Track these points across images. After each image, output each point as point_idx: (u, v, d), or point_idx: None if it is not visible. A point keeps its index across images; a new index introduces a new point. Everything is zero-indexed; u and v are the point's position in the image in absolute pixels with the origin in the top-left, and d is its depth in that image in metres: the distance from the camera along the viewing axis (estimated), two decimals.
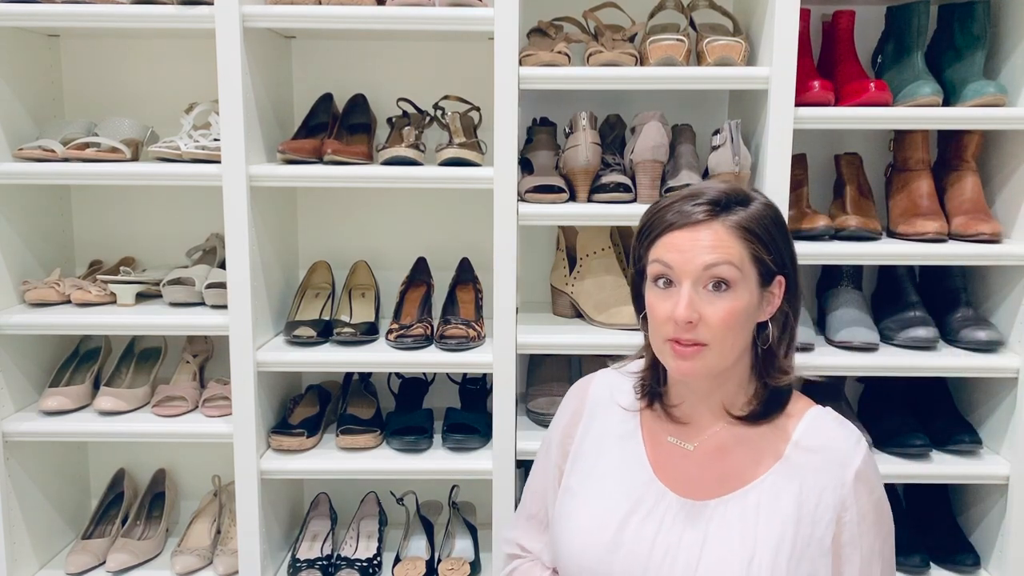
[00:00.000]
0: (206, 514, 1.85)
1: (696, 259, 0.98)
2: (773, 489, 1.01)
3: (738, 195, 1.02)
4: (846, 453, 1.02)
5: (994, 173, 1.74)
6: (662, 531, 1.03)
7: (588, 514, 1.08)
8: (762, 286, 1.01)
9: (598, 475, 1.11)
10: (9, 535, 1.66)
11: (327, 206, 1.92)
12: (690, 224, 1.00)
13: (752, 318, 1.01)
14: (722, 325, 0.98)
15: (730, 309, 0.98)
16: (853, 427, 1.06)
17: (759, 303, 1.02)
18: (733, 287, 0.98)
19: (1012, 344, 1.65)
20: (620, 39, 1.66)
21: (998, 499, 1.66)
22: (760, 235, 1.00)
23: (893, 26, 1.75)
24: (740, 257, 0.98)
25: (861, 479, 1.01)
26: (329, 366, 1.68)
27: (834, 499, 1.00)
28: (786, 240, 1.04)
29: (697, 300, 0.98)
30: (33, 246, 1.77)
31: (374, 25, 1.56)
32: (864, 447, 1.03)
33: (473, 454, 1.69)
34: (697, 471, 1.06)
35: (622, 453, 1.11)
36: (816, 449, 1.03)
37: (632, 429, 1.12)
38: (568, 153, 1.65)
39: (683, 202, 1.01)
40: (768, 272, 1.01)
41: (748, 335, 1.03)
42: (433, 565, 1.72)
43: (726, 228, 0.99)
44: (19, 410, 1.71)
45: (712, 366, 1.01)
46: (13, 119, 1.68)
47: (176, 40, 1.84)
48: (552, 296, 1.85)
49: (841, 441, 1.04)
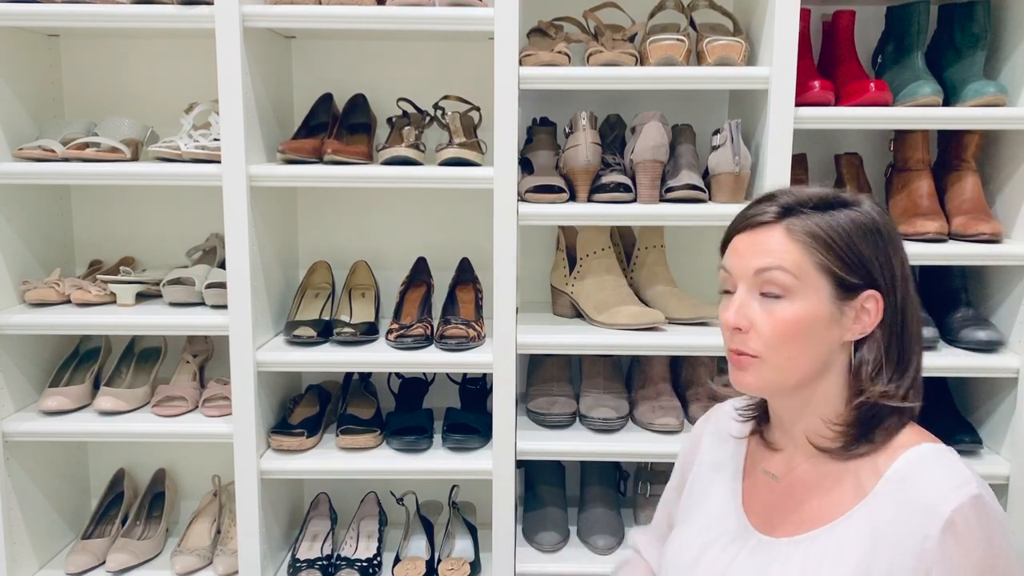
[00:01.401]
0: (206, 514, 1.85)
1: (750, 263, 0.93)
2: (845, 535, 0.89)
3: (824, 200, 0.93)
4: (937, 497, 0.85)
5: (994, 173, 1.74)
6: (733, 566, 0.97)
7: (680, 539, 1.07)
8: (840, 300, 0.91)
9: (699, 502, 1.08)
10: (9, 535, 1.66)
11: (327, 206, 1.92)
12: (753, 226, 0.94)
13: (823, 334, 0.91)
14: (774, 335, 0.91)
15: (783, 319, 0.90)
16: (965, 470, 0.88)
17: (836, 318, 0.91)
18: (788, 296, 0.91)
19: (1012, 344, 1.65)
20: (620, 39, 1.66)
21: (998, 499, 1.66)
22: (832, 243, 0.90)
23: (893, 26, 1.75)
24: (798, 264, 0.90)
25: (953, 532, 0.83)
26: (329, 366, 1.68)
27: (915, 556, 0.84)
28: (882, 253, 0.92)
29: (749, 307, 0.93)
30: (33, 246, 1.77)
31: (374, 25, 1.56)
32: (967, 494, 0.85)
33: (473, 454, 1.69)
34: (779, 505, 0.98)
35: (723, 481, 1.07)
36: (904, 491, 0.87)
37: (738, 458, 1.07)
38: (568, 153, 1.65)
39: (757, 204, 0.95)
40: (847, 285, 0.91)
41: (818, 353, 0.92)
42: (433, 565, 1.72)
43: (788, 232, 0.91)
44: (19, 410, 1.71)
45: (769, 381, 0.93)
46: (13, 119, 1.68)
47: (176, 40, 1.84)
48: (552, 296, 1.85)
49: (936, 482, 0.86)
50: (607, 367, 1.80)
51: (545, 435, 1.68)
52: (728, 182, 1.61)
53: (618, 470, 1.88)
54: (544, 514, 1.76)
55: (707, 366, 1.80)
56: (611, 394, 1.74)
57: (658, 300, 1.74)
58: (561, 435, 1.68)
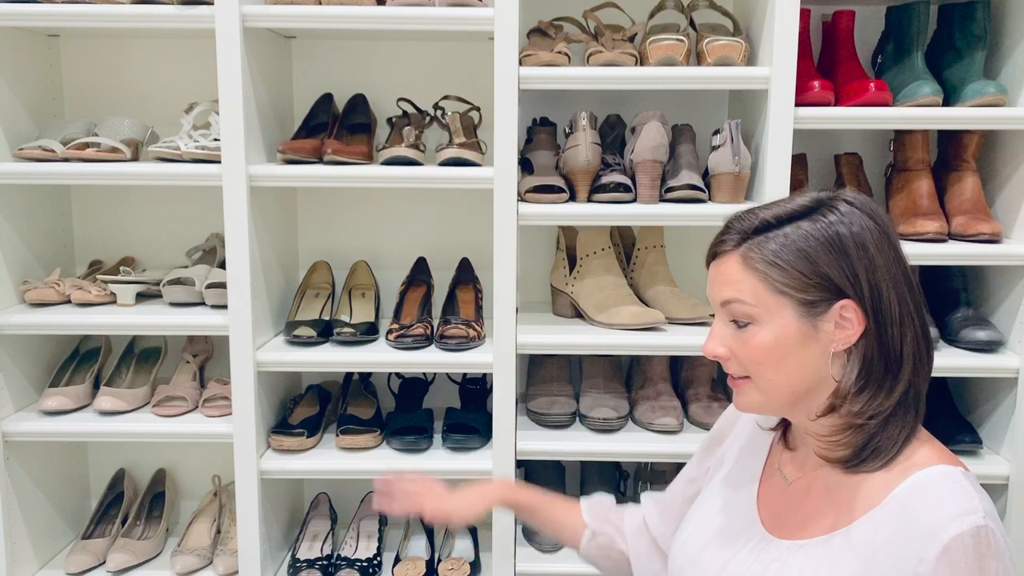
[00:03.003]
0: (206, 514, 1.85)
1: (717, 294, 0.94)
2: (841, 549, 0.89)
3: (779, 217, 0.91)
4: (939, 522, 0.82)
5: (994, 173, 1.74)
6: (735, 560, 0.98)
7: (692, 524, 1.07)
8: (810, 316, 0.89)
9: (718, 490, 1.08)
10: (9, 535, 1.66)
11: (327, 206, 1.92)
12: (716, 255, 0.95)
13: (802, 350, 0.90)
14: (751, 360, 0.92)
15: (755, 345, 0.91)
16: (975, 499, 0.84)
17: (810, 334, 0.89)
18: (755, 323, 0.91)
19: (1012, 344, 1.65)
20: (620, 39, 1.66)
21: (998, 499, 1.66)
22: (786, 265, 0.88)
23: (893, 26, 1.75)
24: (755, 292, 0.90)
25: (948, 559, 0.80)
26: (329, 366, 1.68)
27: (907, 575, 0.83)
28: (845, 263, 0.88)
29: (725, 334, 0.94)
30: (33, 246, 1.77)
31: (374, 25, 1.56)
32: (972, 523, 0.81)
33: (473, 454, 1.69)
34: (787, 507, 0.99)
35: (742, 475, 1.07)
36: (907, 511, 0.85)
37: (761, 453, 1.08)
38: (568, 153, 1.65)
39: (720, 233, 0.95)
40: (810, 302, 0.89)
41: (806, 368, 0.91)
42: (433, 565, 1.72)
43: (743, 260, 0.91)
44: (19, 410, 1.71)
45: (764, 401, 0.94)
46: (13, 119, 1.68)
47: (176, 40, 1.84)
48: (552, 296, 1.85)
49: (941, 506, 0.83)
50: (607, 367, 1.80)
51: (545, 435, 1.68)
52: (728, 182, 1.61)
53: (618, 470, 1.89)
54: None
55: (707, 366, 1.80)
56: (611, 394, 1.74)
57: (658, 300, 1.74)
58: (561, 435, 1.68)
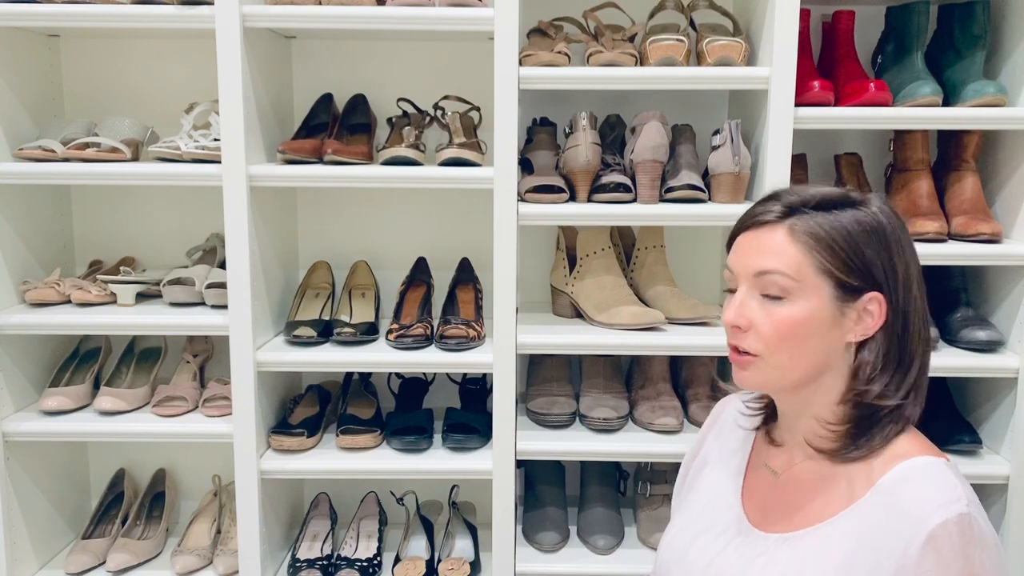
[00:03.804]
0: (206, 514, 1.85)
1: (751, 263, 0.92)
2: (828, 538, 0.90)
3: (828, 199, 0.92)
4: (924, 510, 0.84)
5: (994, 173, 1.74)
6: (722, 555, 0.98)
7: (677, 523, 1.08)
8: (841, 301, 0.90)
9: (703, 488, 1.09)
10: (9, 535, 1.66)
11: (327, 206, 1.92)
12: (757, 225, 0.93)
13: (823, 335, 0.91)
14: (773, 336, 0.91)
15: (782, 320, 0.90)
16: (958, 488, 0.86)
17: (837, 320, 0.91)
18: (788, 297, 0.90)
19: (1012, 344, 1.65)
20: (620, 39, 1.66)
21: (998, 499, 1.66)
22: (834, 245, 0.89)
23: (893, 26, 1.75)
24: (798, 266, 0.90)
25: (934, 547, 0.82)
26: (329, 366, 1.68)
27: (893, 564, 0.84)
28: (885, 256, 0.91)
29: (749, 306, 0.93)
30: (33, 246, 1.77)
31: (374, 25, 1.56)
32: (955, 511, 0.83)
33: (473, 454, 1.69)
34: (774, 500, 0.99)
35: (726, 471, 1.07)
36: (892, 500, 0.87)
37: (744, 450, 1.08)
38: (568, 153, 1.65)
39: (762, 203, 0.95)
40: (848, 287, 0.90)
41: (818, 354, 0.92)
42: (433, 565, 1.72)
43: (790, 233, 0.91)
44: (19, 410, 1.71)
45: (769, 380, 0.94)
46: (13, 119, 1.68)
47: (176, 40, 1.84)
48: (552, 296, 1.85)
49: (925, 495, 0.85)
50: (607, 367, 1.80)
51: (545, 435, 1.68)
52: (728, 182, 1.61)
53: (618, 470, 1.89)
54: (544, 514, 1.76)
55: (707, 366, 1.80)
56: (611, 394, 1.74)
57: (658, 300, 1.74)
58: (561, 435, 1.68)
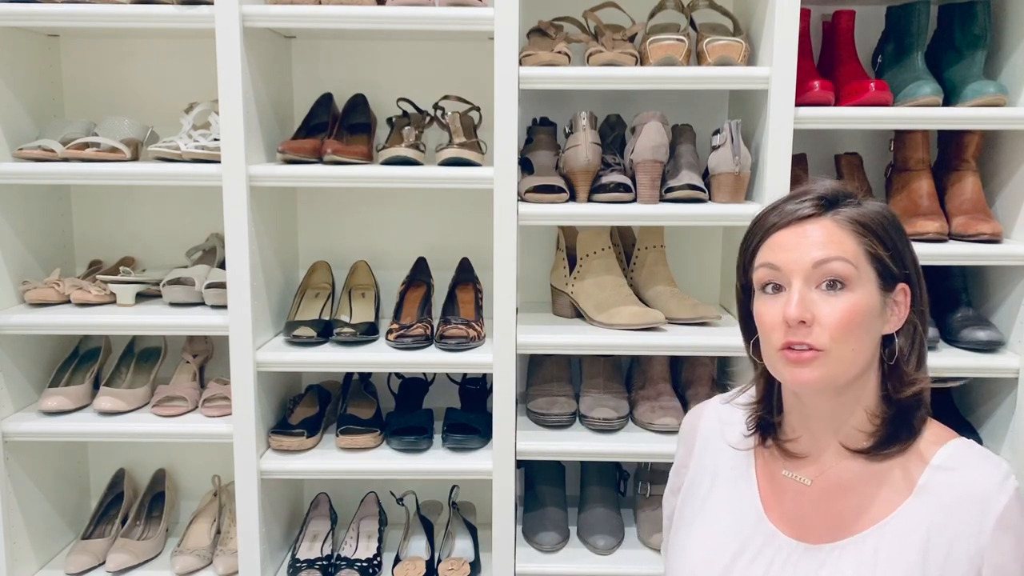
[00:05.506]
0: (206, 514, 1.85)
1: (805, 256, 0.90)
2: (897, 534, 0.89)
3: (849, 192, 0.94)
4: (988, 493, 0.87)
5: (994, 173, 1.74)
6: (770, 574, 0.95)
7: (698, 550, 1.02)
8: (883, 290, 0.92)
9: (710, 510, 1.04)
10: (9, 535, 1.66)
11: (327, 206, 1.92)
12: (796, 220, 0.92)
13: (874, 326, 0.92)
14: (840, 327, 0.88)
15: (848, 309, 0.89)
16: (1001, 462, 0.92)
17: (881, 310, 0.92)
18: (849, 286, 0.90)
19: (1012, 344, 1.65)
20: (620, 39, 1.66)
21: None
22: (876, 231, 0.91)
23: (893, 26, 1.75)
24: (855, 253, 0.90)
25: (1004, 527, 0.86)
26: (329, 366, 1.68)
27: (969, 550, 0.86)
28: (907, 245, 0.94)
29: (810, 300, 0.90)
30: (33, 246, 1.77)
31: (374, 25, 1.56)
32: (1012, 487, 0.88)
33: (473, 454, 1.69)
34: (813, 510, 0.96)
35: (733, 492, 1.03)
36: (953, 485, 0.89)
37: (745, 467, 1.04)
38: (568, 153, 1.65)
39: (786, 202, 0.95)
40: (889, 275, 0.92)
41: (871, 346, 0.92)
42: (433, 565, 1.72)
43: (837, 222, 0.91)
44: (19, 410, 1.71)
45: (832, 376, 0.90)
46: (13, 119, 1.68)
47: (176, 40, 1.84)
48: (552, 296, 1.85)
49: (983, 478, 0.89)
50: (607, 367, 1.80)
51: (545, 435, 1.68)
52: (728, 182, 1.61)
53: (618, 470, 1.89)
54: (544, 514, 1.76)
55: (707, 366, 1.80)
56: (611, 394, 1.74)
57: (658, 300, 1.74)
58: (561, 435, 1.68)
